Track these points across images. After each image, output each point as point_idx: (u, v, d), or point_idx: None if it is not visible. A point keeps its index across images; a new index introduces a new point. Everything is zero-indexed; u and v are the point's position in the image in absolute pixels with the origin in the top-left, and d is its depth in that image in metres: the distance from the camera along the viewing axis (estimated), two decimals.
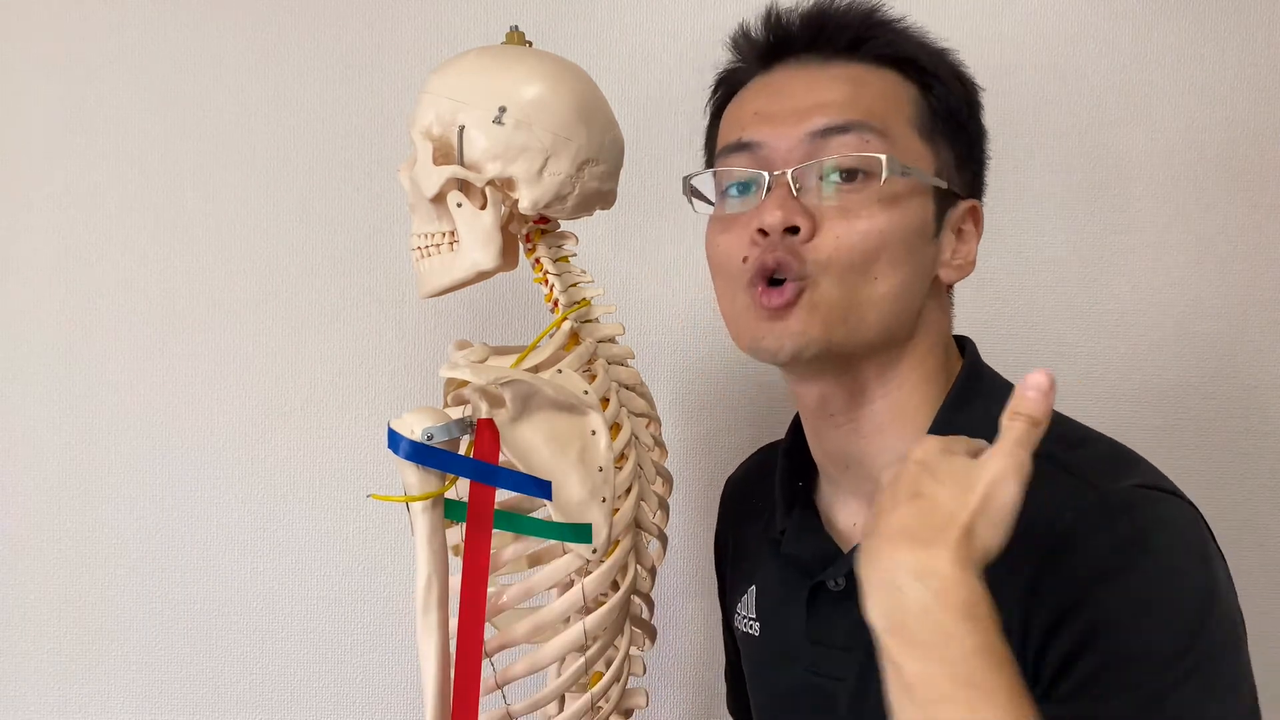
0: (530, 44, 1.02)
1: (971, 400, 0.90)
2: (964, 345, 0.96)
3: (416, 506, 0.92)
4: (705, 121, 1.01)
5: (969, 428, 0.86)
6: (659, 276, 1.36)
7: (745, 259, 0.87)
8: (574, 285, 1.02)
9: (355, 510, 1.40)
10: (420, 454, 0.90)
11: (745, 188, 0.90)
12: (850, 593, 0.87)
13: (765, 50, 0.94)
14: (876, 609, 0.71)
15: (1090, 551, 0.77)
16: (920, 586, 0.68)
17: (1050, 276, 1.39)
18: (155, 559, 1.40)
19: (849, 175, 0.85)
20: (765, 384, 1.37)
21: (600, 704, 1.02)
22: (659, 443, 1.07)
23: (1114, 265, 1.39)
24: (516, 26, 1.02)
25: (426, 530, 0.92)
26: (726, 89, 0.98)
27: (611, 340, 1.04)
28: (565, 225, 1.03)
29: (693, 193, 0.96)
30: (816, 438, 0.96)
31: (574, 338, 1.01)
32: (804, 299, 0.85)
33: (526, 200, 0.96)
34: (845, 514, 0.96)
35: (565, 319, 1.00)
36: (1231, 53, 1.38)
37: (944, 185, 0.89)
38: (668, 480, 1.08)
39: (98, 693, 1.40)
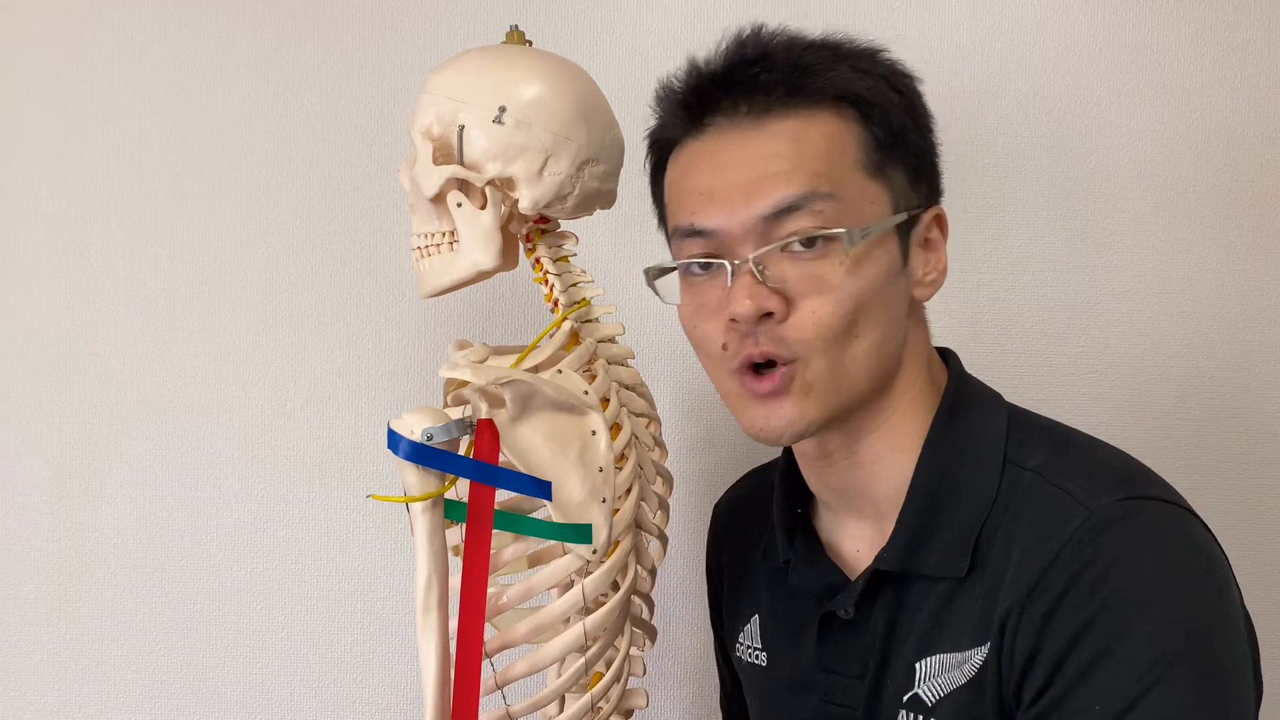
0: (530, 44, 1.02)
1: (961, 411, 0.90)
2: (947, 357, 0.95)
3: (416, 507, 0.92)
4: (640, 181, 0.99)
5: (963, 439, 0.88)
6: None
7: (725, 346, 0.86)
8: (574, 285, 1.02)
9: (355, 510, 1.39)
10: (420, 454, 0.90)
11: (708, 265, 0.87)
12: (860, 620, 0.89)
13: (693, 112, 0.89)
14: None
15: (1082, 587, 0.77)
16: None
17: (1047, 279, 1.39)
18: (155, 559, 1.40)
19: (809, 243, 0.83)
20: None
21: (600, 704, 1.01)
22: (659, 443, 1.07)
23: (1112, 266, 1.39)
24: (516, 26, 1.02)
25: (426, 530, 0.92)
26: (661, 150, 0.95)
27: (611, 340, 1.04)
28: (565, 225, 1.03)
29: (657, 275, 0.93)
30: (815, 476, 0.95)
31: (574, 338, 1.01)
32: (796, 383, 0.84)
33: (526, 200, 0.96)
34: (849, 540, 0.95)
35: (565, 319, 1.00)
36: (1228, 55, 1.38)
37: (904, 217, 0.87)
38: (668, 480, 1.08)
39: (98, 693, 1.40)
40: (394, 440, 0.90)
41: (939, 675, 0.84)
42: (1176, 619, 0.75)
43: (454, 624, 0.92)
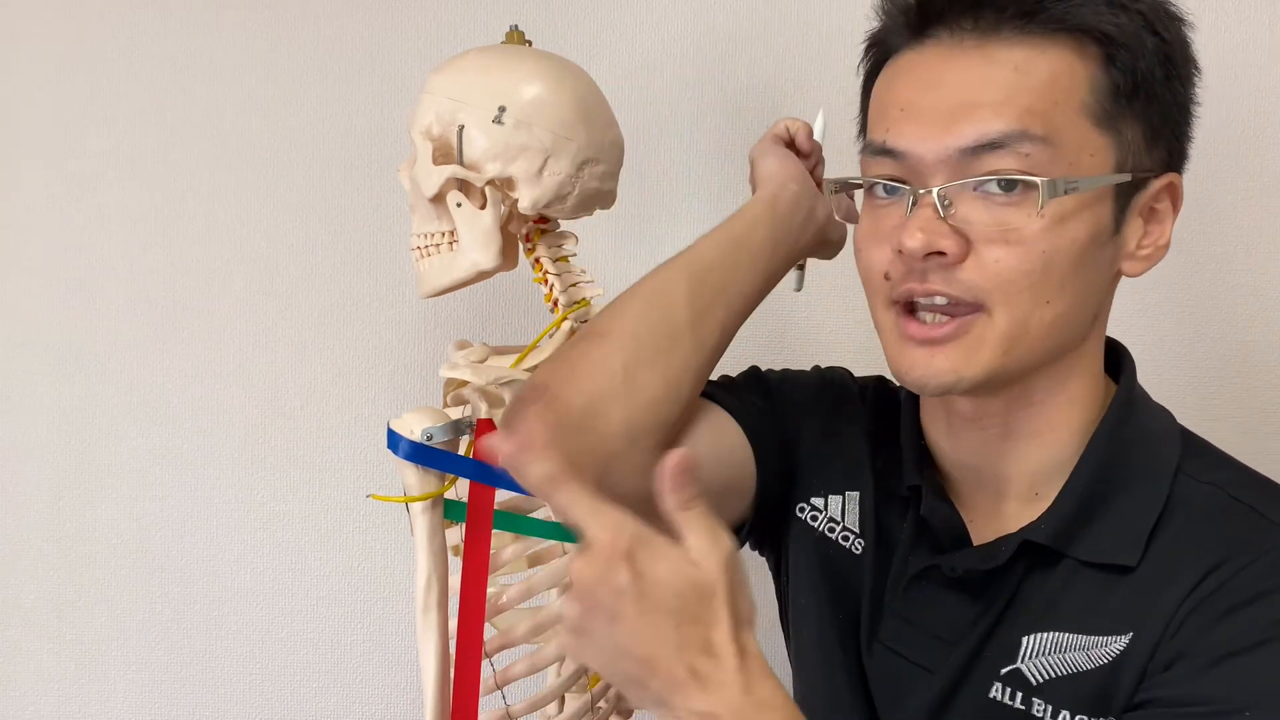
0: (530, 44, 1.02)
1: (1140, 407, 0.84)
2: (1116, 351, 0.87)
3: (416, 507, 0.92)
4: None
5: (1139, 432, 0.82)
6: None
7: (887, 275, 0.79)
8: (574, 285, 1.02)
9: (355, 510, 1.39)
10: (420, 454, 0.90)
11: (893, 189, 0.79)
12: (964, 583, 0.82)
13: (915, 19, 0.79)
14: None
15: (1267, 599, 0.72)
16: (732, 716, 0.62)
17: None
18: (155, 559, 1.40)
19: (1007, 186, 0.74)
20: None
21: (600, 704, 1.02)
22: None
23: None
24: (516, 26, 1.02)
25: (426, 530, 0.92)
26: (878, 55, 0.84)
27: None
28: (565, 225, 1.03)
29: (838, 188, 0.86)
30: (951, 436, 0.86)
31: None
32: (964, 335, 0.76)
33: (526, 200, 0.96)
34: (964, 504, 0.86)
35: (565, 319, 1.00)
36: (1230, 52, 1.38)
37: (1127, 178, 0.77)
38: None
39: (98, 693, 1.40)
40: (394, 440, 0.90)
41: (1052, 654, 0.78)
42: None
43: (454, 624, 0.93)
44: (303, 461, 1.40)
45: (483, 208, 0.97)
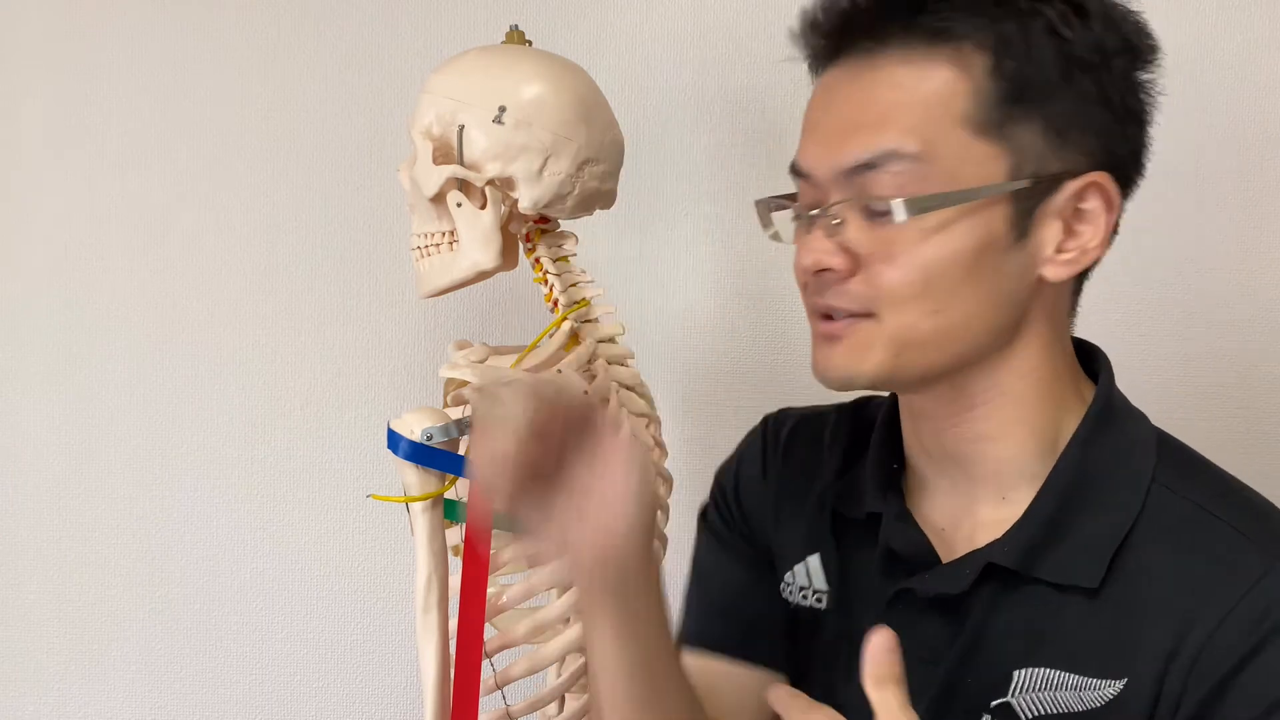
0: (530, 44, 1.02)
1: (1116, 416, 0.83)
2: (1094, 356, 0.88)
3: (416, 507, 0.92)
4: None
5: (1114, 445, 0.81)
6: (659, 276, 1.36)
7: (805, 286, 0.81)
8: (574, 285, 1.02)
9: (355, 510, 1.39)
10: (420, 454, 0.90)
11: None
12: (941, 603, 0.81)
13: (822, 43, 0.82)
14: None
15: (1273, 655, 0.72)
16: None
17: None
18: (155, 558, 1.40)
19: (879, 211, 0.76)
20: (765, 384, 1.37)
21: None
22: (659, 443, 1.07)
23: (1112, 266, 1.38)
24: (516, 26, 1.02)
25: (426, 530, 0.92)
26: (815, 75, 0.86)
27: (611, 340, 1.04)
28: (565, 225, 1.03)
29: (768, 208, 0.86)
30: (914, 435, 0.87)
31: (574, 338, 1.01)
32: (852, 335, 0.78)
33: (526, 200, 0.96)
34: (939, 513, 0.86)
35: (565, 319, 1.00)
36: (1230, 53, 1.38)
37: (1022, 184, 0.76)
38: (667, 481, 1.08)
39: (98, 693, 1.40)
40: (394, 440, 0.90)
41: (1043, 690, 0.77)
42: None
43: (454, 624, 0.93)
44: (303, 461, 1.40)
45: (483, 208, 0.97)
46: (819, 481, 0.93)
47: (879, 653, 0.67)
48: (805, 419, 1.00)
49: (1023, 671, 0.78)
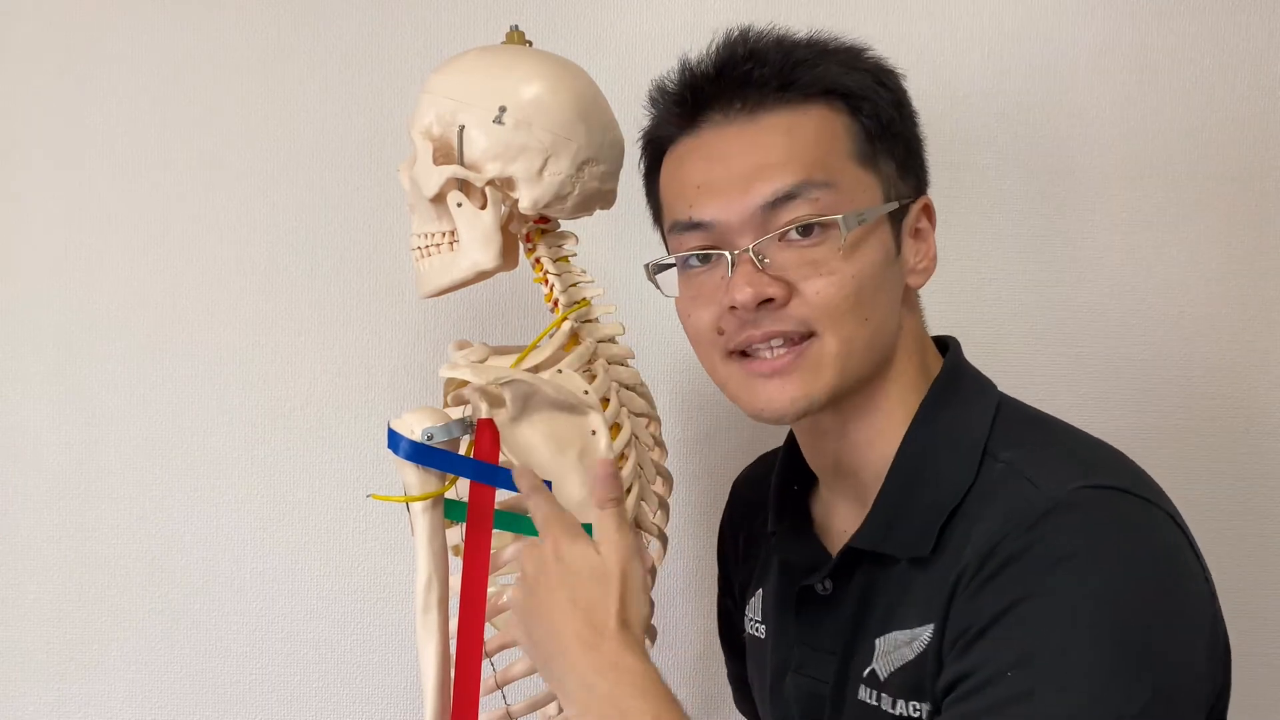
0: (530, 44, 1.02)
1: (950, 399, 0.91)
2: (946, 345, 0.97)
3: (416, 507, 0.92)
4: (639, 181, 1.01)
5: (947, 426, 0.89)
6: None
7: (721, 331, 0.89)
8: (574, 285, 1.02)
9: (355, 510, 1.39)
10: (420, 454, 0.90)
11: (705, 257, 0.90)
12: (834, 598, 0.92)
13: (687, 110, 0.92)
14: (575, 708, 0.83)
15: (1019, 567, 0.77)
16: (602, 680, 0.81)
17: (1047, 279, 1.39)
18: (155, 558, 1.40)
19: (807, 230, 0.85)
20: None
21: None
22: (659, 443, 1.07)
23: (1113, 266, 1.39)
24: (516, 26, 1.02)
25: (426, 530, 0.92)
26: (654, 150, 0.97)
27: (611, 340, 1.04)
28: (565, 225, 1.03)
29: (656, 270, 0.95)
30: (810, 450, 0.97)
31: (574, 338, 1.01)
32: (804, 360, 0.86)
33: (526, 200, 0.96)
34: (838, 519, 0.97)
35: (565, 319, 1.00)
36: (1229, 53, 1.38)
37: (895, 206, 0.89)
38: (668, 480, 1.08)
39: (98, 693, 1.40)
40: (394, 440, 0.90)
41: (892, 651, 0.86)
42: (1105, 603, 0.74)
43: (454, 624, 0.93)
44: (303, 461, 1.40)
45: (483, 208, 0.97)
46: (763, 534, 1.05)
47: (602, 479, 0.88)
48: (756, 473, 1.14)
49: (881, 639, 0.87)
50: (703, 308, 0.90)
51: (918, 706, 0.84)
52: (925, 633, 0.83)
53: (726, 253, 0.87)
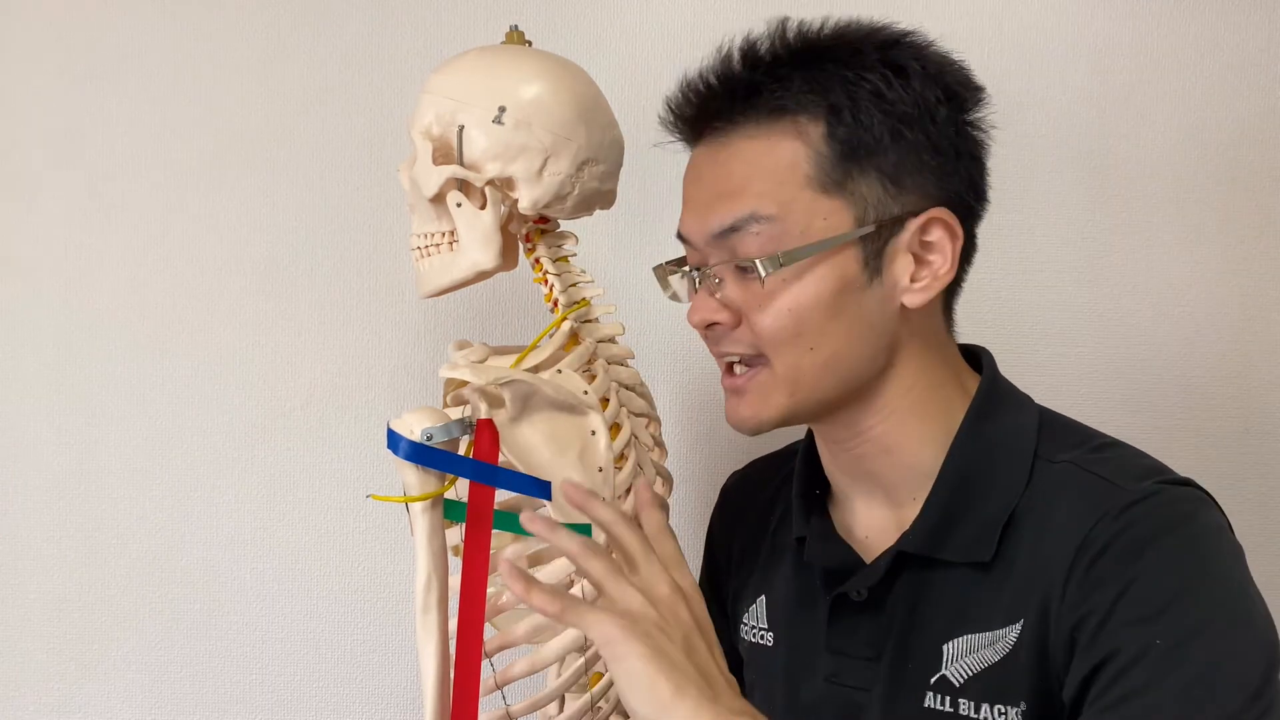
0: (530, 44, 1.02)
1: (995, 408, 0.91)
2: (979, 356, 0.96)
3: (416, 507, 0.92)
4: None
5: (995, 433, 0.90)
6: None
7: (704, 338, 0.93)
8: (574, 285, 1.02)
9: (355, 510, 1.39)
10: (420, 454, 0.90)
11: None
12: (872, 603, 0.91)
13: (685, 130, 0.94)
14: None
15: (1121, 549, 0.80)
16: None
17: (1049, 278, 1.39)
18: (155, 558, 1.40)
19: (746, 269, 0.87)
20: None
21: (600, 704, 1.02)
22: (659, 443, 1.07)
23: (1114, 267, 1.39)
24: (516, 26, 1.02)
25: (426, 530, 0.92)
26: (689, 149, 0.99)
27: (611, 340, 1.04)
28: (565, 225, 1.03)
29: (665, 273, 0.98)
30: (829, 457, 0.98)
31: (574, 338, 1.01)
32: (754, 383, 0.89)
33: (526, 200, 0.96)
34: (859, 526, 0.96)
35: (565, 319, 1.00)
36: (1231, 54, 1.38)
37: (868, 229, 0.86)
38: (668, 480, 1.08)
39: (98, 693, 1.40)
40: (394, 440, 0.90)
41: (968, 655, 0.86)
42: (1215, 580, 0.80)
43: (454, 624, 0.93)
44: (303, 461, 1.40)
45: (483, 208, 0.97)
46: (771, 524, 1.05)
47: (649, 501, 0.90)
48: (749, 477, 1.14)
49: (950, 644, 0.86)
50: (689, 315, 0.93)
51: (1003, 710, 0.84)
52: (1011, 633, 0.84)
53: (693, 271, 0.91)
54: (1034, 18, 1.39)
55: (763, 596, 1.04)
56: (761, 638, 1.03)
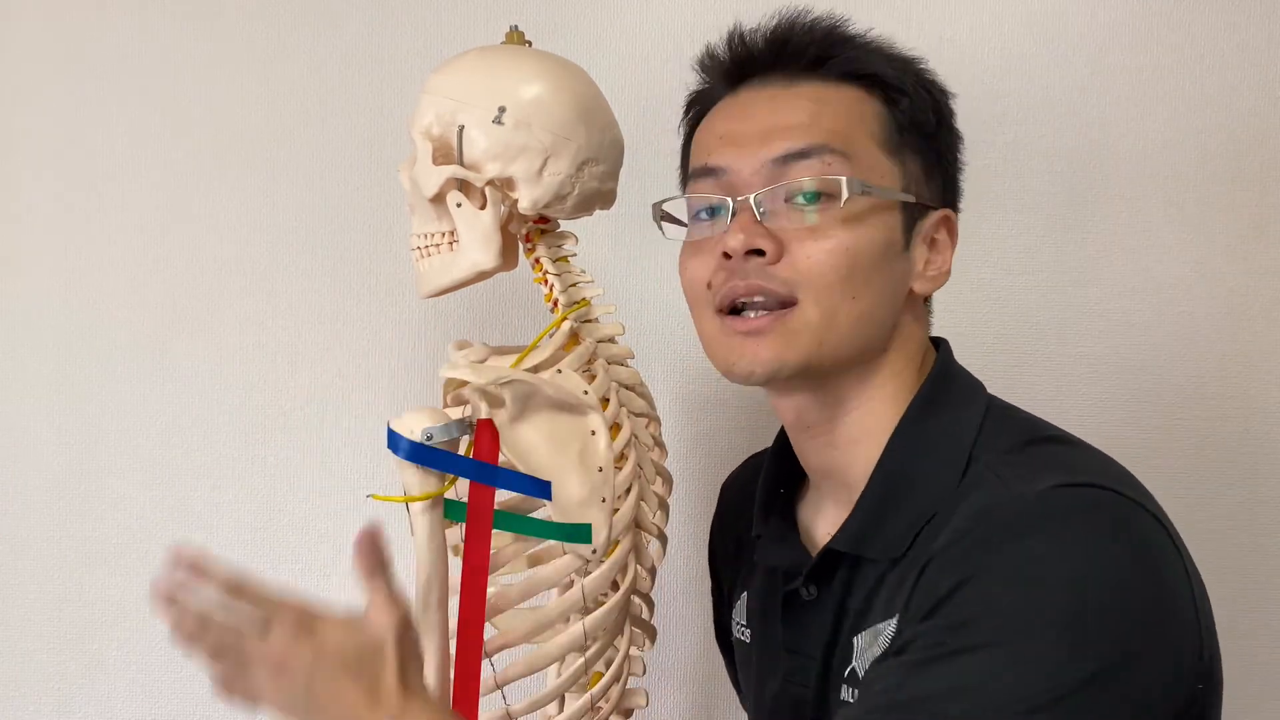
0: (530, 44, 1.02)
1: (937, 403, 0.90)
2: (937, 346, 0.96)
3: (416, 507, 0.92)
4: (680, 142, 1.01)
5: (934, 430, 0.89)
6: (659, 276, 1.36)
7: (709, 284, 0.89)
8: (574, 285, 1.02)
9: (355, 510, 1.39)
10: (420, 454, 0.90)
11: (714, 211, 0.90)
12: (821, 601, 0.91)
13: (730, 71, 0.94)
14: None
15: (982, 540, 0.79)
16: None
17: (1048, 279, 1.39)
18: (155, 559, 1.39)
19: (812, 197, 0.86)
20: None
21: (600, 704, 1.02)
22: (659, 443, 1.07)
23: (1113, 267, 1.39)
24: (516, 26, 1.02)
25: (426, 530, 0.92)
26: (698, 110, 0.98)
27: (611, 340, 1.04)
28: (565, 225, 1.03)
29: (664, 217, 0.97)
30: (798, 449, 0.97)
31: (574, 338, 1.01)
32: (779, 323, 0.86)
33: (526, 200, 0.96)
34: (823, 522, 0.96)
35: (565, 319, 1.00)
36: (1230, 53, 1.38)
37: (911, 199, 0.89)
38: (668, 480, 1.08)
39: (98, 693, 1.40)
40: (394, 440, 0.90)
41: (870, 648, 0.85)
42: (1060, 582, 0.75)
43: (454, 624, 0.93)
44: (302, 462, 1.40)
45: (483, 208, 0.97)
46: (748, 537, 1.04)
47: (364, 549, 0.87)
48: (743, 476, 1.13)
49: (858, 637, 0.87)
50: (698, 261, 0.91)
51: None
52: (889, 626, 0.83)
53: (730, 199, 0.87)
54: (1034, 17, 1.39)
55: (745, 593, 1.05)
56: (743, 634, 1.04)
